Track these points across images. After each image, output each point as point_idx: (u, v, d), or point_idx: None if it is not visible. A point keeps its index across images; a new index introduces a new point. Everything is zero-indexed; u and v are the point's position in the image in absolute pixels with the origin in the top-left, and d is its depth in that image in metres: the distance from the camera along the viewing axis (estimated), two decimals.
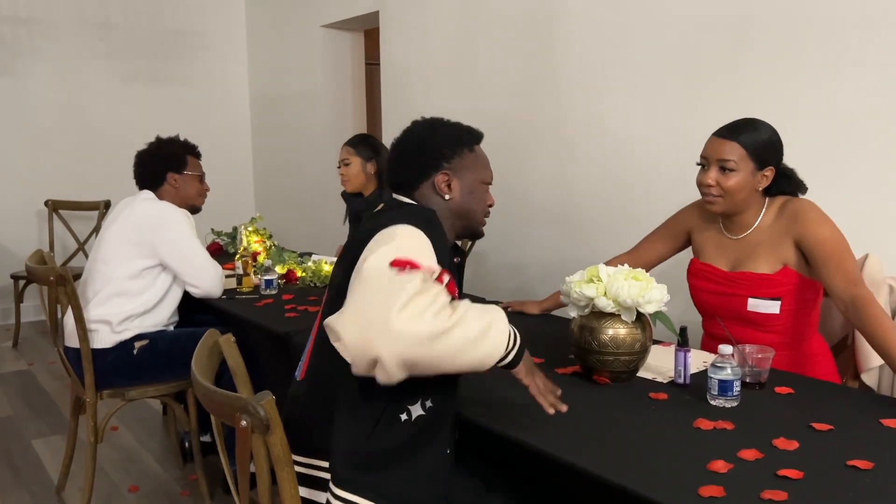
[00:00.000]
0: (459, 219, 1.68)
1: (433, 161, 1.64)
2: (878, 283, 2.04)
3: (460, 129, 1.72)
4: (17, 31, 5.22)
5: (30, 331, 5.17)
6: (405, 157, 1.67)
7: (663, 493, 1.18)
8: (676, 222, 2.20)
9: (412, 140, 1.68)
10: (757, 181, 1.94)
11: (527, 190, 3.74)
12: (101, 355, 2.54)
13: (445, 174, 1.64)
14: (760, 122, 1.97)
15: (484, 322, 1.35)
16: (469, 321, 1.33)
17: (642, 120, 3.20)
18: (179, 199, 2.77)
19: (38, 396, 3.88)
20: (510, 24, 3.77)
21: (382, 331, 1.25)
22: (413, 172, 1.65)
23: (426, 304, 1.28)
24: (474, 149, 1.71)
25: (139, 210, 2.67)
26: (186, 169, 2.79)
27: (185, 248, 2.64)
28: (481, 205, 1.71)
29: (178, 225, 2.64)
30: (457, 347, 1.31)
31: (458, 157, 1.66)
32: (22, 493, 2.81)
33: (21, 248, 5.18)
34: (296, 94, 5.59)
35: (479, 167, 1.71)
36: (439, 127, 1.70)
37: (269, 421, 1.24)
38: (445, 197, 1.64)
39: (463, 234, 1.73)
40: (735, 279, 1.97)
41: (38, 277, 2.52)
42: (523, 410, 1.56)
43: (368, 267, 1.34)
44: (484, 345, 1.34)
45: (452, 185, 1.64)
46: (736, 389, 1.55)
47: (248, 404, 1.24)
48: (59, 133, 5.37)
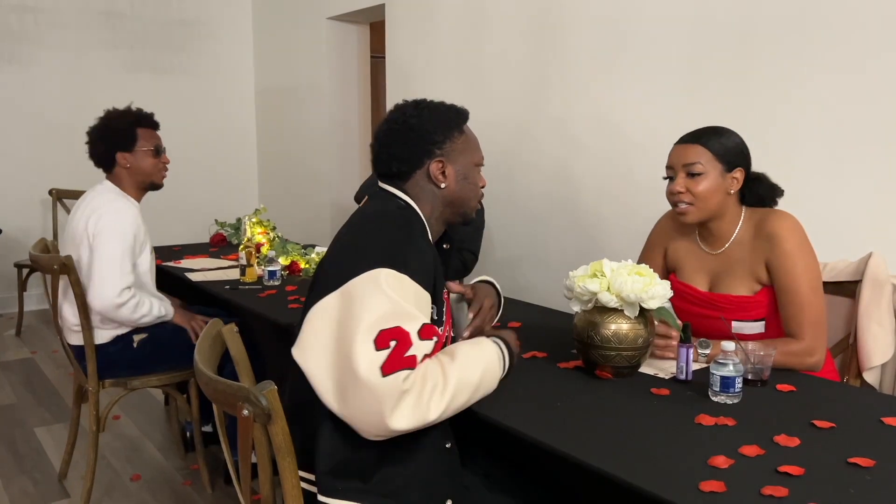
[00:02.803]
0: (452, 206, 1.62)
1: (425, 148, 1.57)
2: (882, 282, 2.04)
3: (448, 110, 1.64)
4: (24, 20, 5.22)
5: (33, 319, 5.18)
6: (394, 145, 1.59)
7: (664, 488, 1.18)
8: (654, 242, 2.14)
9: (400, 126, 1.59)
10: (728, 184, 1.88)
11: (532, 184, 3.74)
12: (101, 349, 2.55)
13: (440, 161, 1.58)
14: (724, 127, 1.94)
15: (478, 372, 1.41)
16: (463, 384, 1.38)
17: (648, 116, 3.19)
18: (136, 180, 2.60)
19: (41, 385, 3.89)
20: (516, 19, 3.77)
21: (385, 430, 1.32)
22: (404, 161, 1.58)
23: (415, 399, 1.31)
24: (464, 130, 1.64)
25: (90, 204, 2.54)
26: (136, 145, 2.58)
27: (97, 256, 2.44)
28: (475, 190, 1.65)
29: (106, 229, 2.46)
30: (460, 405, 1.40)
31: (449, 141, 1.59)
32: (24, 480, 2.82)
33: (25, 236, 5.19)
34: (301, 85, 5.58)
35: (470, 149, 1.64)
36: (426, 110, 1.61)
37: (270, 410, 1.24)
38: (441, 185, 1.58)
39: (454, 220, 1.67)
40: (714, 301, 1.94)
41: (41, 266, 2.52)
42: (526, 404, 1.57)
43: (355, 367, 1.30)
44: (483, 389, 1.44)
45: (447, 173, 1.58)
46: (738, 386, 1.55)
47: (251, 393, 1.24)
48: (63, 122, 5.37)
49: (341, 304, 1.39)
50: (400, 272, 1.40)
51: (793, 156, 2.64)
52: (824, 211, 2.50)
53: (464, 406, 1.41)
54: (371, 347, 1.31)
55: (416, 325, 1.36)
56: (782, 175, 2.00)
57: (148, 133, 2.64)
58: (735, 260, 1.92)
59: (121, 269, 2.46)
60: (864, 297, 2.05)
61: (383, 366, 1.30)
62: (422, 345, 1.35)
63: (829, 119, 2.60)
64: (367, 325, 1.33)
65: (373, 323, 1.33)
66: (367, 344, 1.32)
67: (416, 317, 1.37)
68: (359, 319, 1.34)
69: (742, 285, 1.90)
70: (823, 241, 1.98)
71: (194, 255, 3.50)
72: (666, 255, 2.10)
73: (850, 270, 2.12)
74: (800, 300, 1.81)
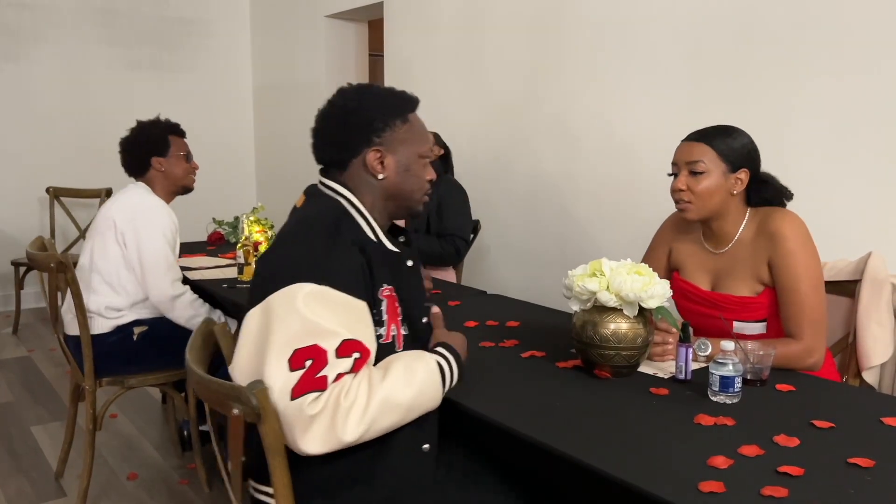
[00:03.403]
0: (394, 199, 1.52)
1: (363, 135, 1.47)
2: (881, 281, 2.03)
3: (393, 95, 1.52)
4: (21, 17, 5.20)
5: (30, 317, 5.17)
6: (330, 130, 1.49)
7: (664, 488, 1.18)
8: (658, 243, 2.14)
9: (338, 111, 1.49)
10: (730, 185, 1.87)
11: (531, 183, 3.73)
12: (100, 340, 2.55)
13: (377, 150, 1.47)
14: (733, 127, 1.92)
15: (411, 391, 1.34)
16: (391, 404, 1.31)
17: (647, 115, 3.19)
18: (169, 183, 2.75)
19: (38, 383, 3.88)
20: (515, 17, 3.76)
21: (303, 453, 1.28)
22: (340, 149, 1.49)
23: (328, 421, 1.26)
24: (408, 118, 1.51)
25: (124, 198, 2.67)
26: (170, 150, 2.74)
27: (146, 250, 2.57)
28: (418, 182, 1.53)
29: (150, 224, 2.59)
30: (387, 426, 1.33)
31: (389, 129, 1.47)
32: (21, 479, 2.81)
33: (22, 234, 5.18)
34: (299, 83, 5.57)
35: (414, 139, 1.51)
36: (367, 94, 1.50)
37: (261, 410, 1.23)
38: (379, 176, 1.48)
39: (399, 214, 1.57)
40: (716, 301, 1.93)
41: (38, 264, 2.52)
42: (524, 403, 1.56)
43: (270, 388, 1.26)
44: (419, 407, 1.37)
45: (386, 163, 1.48)
46: (737, 386, 1.54)
47: (241, 393, 1.24)
48: (61, 120, 5.36)
49: (262, 320, 1.34)
50: (321, 285, 1.32)
51: (792, 155, 2.64)
52: (824, 210, 2.50)
53: (394, 426, 1.34)
54: (285, 368, 1.26)
55: (335, 342, 1.29)
56: (782, 174, 1.99)
57: (179, 140, 2.80)
58: (738, 260, 1.91)
59: (167, 261, 2.60)
60: (863, 296, 2.05)
61: (294, 388, 1.25)
62: (338, 363, 1.28)
63: (828, 118, 2.60)
64: (281, 345, 1.28)
65: (287, 342, 1.28)
66: (280, 364, 1.27)
67: (334, 333, 1.30)
68: (274, 338, 1.29)
69: (744, 285, 1.90)
70: (823, 240, 1.97)
71: (192, 254, 3.49)
72: (670, 255, 2.10)
73: (849, 270, 2.11)
74: (800, 299, 1.81)
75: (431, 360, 1.41)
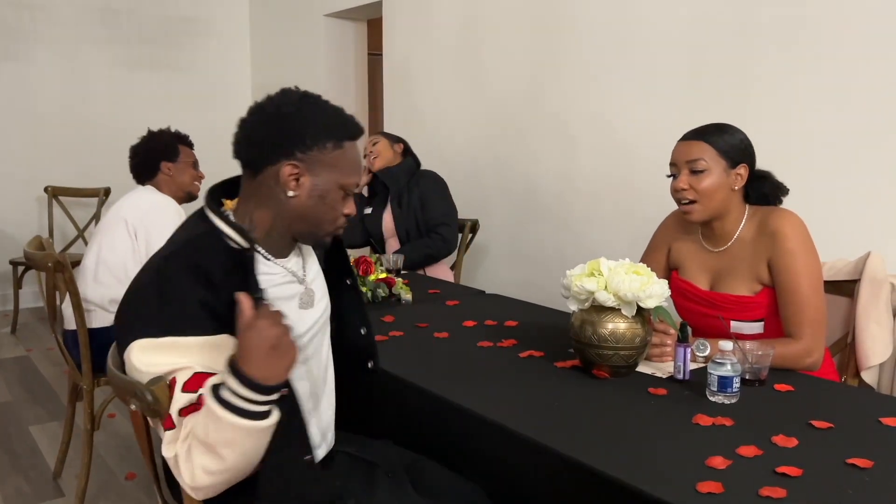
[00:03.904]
0: (300, 223, 1.37)
1: (286, 145, 1.32)
2: (880, 281, 2.03)
3: (335, 115, 1.38)
4: (20, 16, 5.20)
5: (28, 317, 5.16)
6: (255, 127, 1.35)
7: (661, 489, 1.18)
8: (658, 243, 2.13)
9: (272, 110, 1.35)
10: (731, 181, 1.87)
11: (529, 183, 3.73)
12: (100, 333, 2.55)
13: (294, 165, 1.32)
14: (727, 124, 1.92)
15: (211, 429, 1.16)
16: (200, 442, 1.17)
17: (646, 115, 3.18)
18: (175, 187, 2.86)
19: (36, 382, 3.88)
20: (514, 17, 3.75)
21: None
22: (259, 151, 1.34)
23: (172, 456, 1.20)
24: (343, 145, 1.36)
25: (135, 197, 2.78)
26: (179, 157, 2.87)
27: (157, 245, 2.60)
28: (331, 213, 1.38)
29: (163, 219, 2.66)
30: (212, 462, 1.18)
31: (317, 148, 1.33)
32: (18, 478, 2.81)
33: (20, 233, 5.17)
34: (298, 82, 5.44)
35: (341, 168, 1.36)
36: (309, 105, 1.36)
37: (157, 406, 1.22)
38: (288, 193, 1.33)
39: (303, 238, 1.44)
40: (714, 300, 1.93)
41: (36, 263, 2.51)
42: (523, 403, 1.56)
43: None
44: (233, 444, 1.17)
45: (301, 181, 1.33)
46: (736, 386, 1.54)
47: (137, 388, 1.23)
48: (59, 119, 5.36)
49: None
50: (155, 338, 1.22)
51: (791, 154, 2.63)
52: (823, 210, 2.49)
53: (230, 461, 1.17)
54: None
55: (185, 375, 1.21)
56: (781, 173, 1.99)
57: (187, 150, 2.93)
58: (737, 259, 1.91)
59: None
60: (862, 296, 2.04)
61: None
62: (181, 398, 1.20)
63: (827, 118, 2.60)
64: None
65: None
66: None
67: (185, 368, 1.21)
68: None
69: (743, 285, 1.90)
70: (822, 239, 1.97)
71: None
72: (669, 254, 2.10)
73: (848, 269, 2.11)
74: (799, 299, 1.81)
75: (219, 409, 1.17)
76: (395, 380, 1.74)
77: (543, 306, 2.48)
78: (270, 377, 1.16)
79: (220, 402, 1.14)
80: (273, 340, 1.16)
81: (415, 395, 1.69)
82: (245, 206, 1.39)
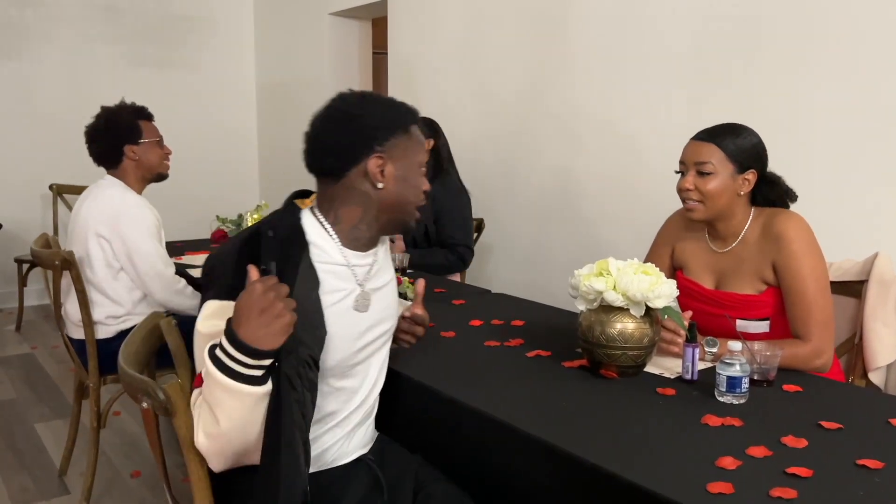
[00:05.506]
0: (389, 212, 1.45)
1: (365, 142, 1.41)
2: (888, 282, 2.03)
3: (396, 106, 1.49)
4: (24, 14, 5.20)
5: (33, 314, 5.17)
6: (330, 135, 1.42)
7: (671, 489, 1.17)
8: (662, 240, 2.13)
9: (340, 116, 1.43)
10: (738, 185, 1.86)
11: (534, 182, 3.73)
12: (104, 344, 2.54)
13: (379, 157, 1.41)
14: (742, 126, 1.90)
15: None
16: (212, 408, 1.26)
17: (650, 114, 3.18)
18: (143, 171, 2.64)
19: (41, 380, 3.88)
20: (519, 15, 3.75)
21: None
22: (339, 156, 1.41)
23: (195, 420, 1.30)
24: (409, 129, 1.47)
25: (99, 200, 2.57)
26: (142, 137, 2.62)
27: (137, 252, 2.51)
28: (415, 192, 1.48)
29: (134, 225, 2.51)
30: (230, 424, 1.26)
31: (393, 138, 1.43)
32: (24, 476, 2.81)
33: (25, 231, 5.17)
34: (302, 81, 5.56)
35: (414, 148, 1.47)
36: (372, 102, 1.47)
37: (169, 404, 1.23)
38: (378, 185, 1.41)
39: (391, 229, 1.50)
40: (719, 299, 1.93)
41: (42, 261, 2.51)
42: (530, 403, 1.56)
43: None
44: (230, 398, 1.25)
45: (386, 172, 1.42)
46: (744, 386, 1.54)
47: (149, 386, 1.24)
48: (64, 117, 5.35)
49: None
50: (223, 300, 1.32)
51: (798, 155, 2.63)
52: (830, 210, 2.49)
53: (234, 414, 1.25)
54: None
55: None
56: (787, 174, 1.99)
57: (149, 125, 2.69)
58: (742, 259, 1.91)
59: (162, 260, 2.56)
60: (869, 297, 2.04)
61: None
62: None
63: (834, 118, 2.59)
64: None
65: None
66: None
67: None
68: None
69: (747, 284, 1.89)
70: (829, 240, 1.97)
71: (195, 251, 3.49)
72: (673, 253, 2.10)
73: (855, 270, 2.11)
74: (807, 301, 1.80)
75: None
76: (401, 379, 1.74)
77: (550, 306, 2.48)
78: (258, 340, 1.21)
79: (212, 360, 1.23)
80: (263, 304, 1.21)
81: (422, 395, 1.69)
82: (328, 205, 1.46)
